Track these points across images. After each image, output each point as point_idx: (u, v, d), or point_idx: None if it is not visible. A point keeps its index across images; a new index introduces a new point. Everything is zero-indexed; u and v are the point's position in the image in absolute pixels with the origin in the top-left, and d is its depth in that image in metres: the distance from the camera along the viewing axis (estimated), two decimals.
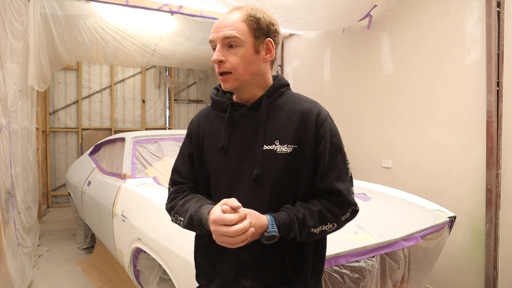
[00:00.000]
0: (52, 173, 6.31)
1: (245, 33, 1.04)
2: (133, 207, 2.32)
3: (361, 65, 3.65)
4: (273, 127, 1.07)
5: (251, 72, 1.07)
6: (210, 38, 1.08)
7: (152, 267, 2.09)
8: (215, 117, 1.16)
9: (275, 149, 1.05)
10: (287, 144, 1.05)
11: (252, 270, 1.06)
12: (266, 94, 1.10)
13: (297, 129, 1.06)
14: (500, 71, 2.48)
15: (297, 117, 1.07)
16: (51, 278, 3.25)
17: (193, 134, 1.19)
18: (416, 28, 3.06)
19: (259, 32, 1.06)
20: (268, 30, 1.08)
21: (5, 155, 2.76)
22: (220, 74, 1.07)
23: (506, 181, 2.49)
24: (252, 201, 1.02)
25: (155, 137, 3.09)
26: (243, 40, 1.04)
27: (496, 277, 2.53)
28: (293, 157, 1.04)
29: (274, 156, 1.04)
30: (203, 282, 1.16)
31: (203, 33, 4.36)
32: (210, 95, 1.21)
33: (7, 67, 2.80)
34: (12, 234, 2.87)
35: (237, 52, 1.04)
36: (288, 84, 1.17)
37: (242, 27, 1.04)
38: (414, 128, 3.09)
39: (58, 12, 3.61)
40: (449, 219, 2.13)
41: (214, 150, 1.12)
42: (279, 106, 1.10)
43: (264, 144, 1.05)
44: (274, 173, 1.04)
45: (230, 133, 1.10)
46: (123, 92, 6.84)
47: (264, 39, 1.08)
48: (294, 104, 1.10)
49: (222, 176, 1.09)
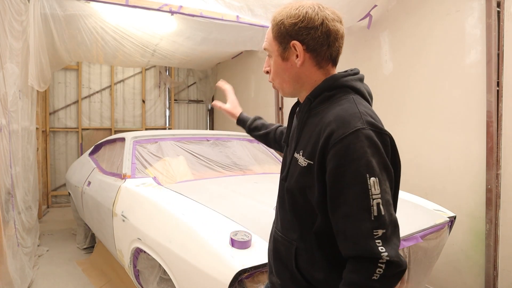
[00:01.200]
0: (52, 173, 6.31)
1: (271, 42, 1.02)
2: (133, 207, 2.32)
3: (361, 65, 3.65)
4: (305, 135, 1.00)
5: (287, 79, 1.02)
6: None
7: (152, 267, 2.09)
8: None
9: (298, 158, 0.99)
10: (305, 158, 0.96)
11: (275, 264, 1.10)
12: (308, 97, 1.01)
13: (313, 143, 0.94)
14: (500, 71, 2.48)
15: (318, 130, 0.94)
16: (51, 278, 3.25)
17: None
18: (416, 28, 3.06)
19: (281, 37, 0.98)
20: (292, 31, 0.96)
21: (5, 155, 2.76)
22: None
23: (506, 181, 2.48)
24: (282, 201, 1.08)
25: (155, 137, 3.09)
26: (271, 50, 1.03)
27: (496, 277, 2.53)
28: (307, 172, 0.94)
29: (296, 165, 1.00)
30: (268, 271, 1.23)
31: (203, 33, 4.36)
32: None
33: (6, 67, 2.80)
34: (12, 234, 2.87)
35: (272, 62, 1.05)
36: (344, 86, 0.98)
37: (269, 36, 1.03)
38: (414, 128, 3.09)
39: (58, 12, 3.60)
40: (449, 219, 2.13)
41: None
42: (317, 113, 0.98)
43: (295, 151, 1.02)
44: (292, 181, 1.00)
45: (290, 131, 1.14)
46: (123, 92, 6.84)
47: (289, 42, 0.97)
48: (328, 112, 0.94)
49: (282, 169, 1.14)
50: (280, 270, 1.07)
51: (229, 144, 3.26)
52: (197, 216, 1.84)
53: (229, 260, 1.45)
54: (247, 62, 5.90)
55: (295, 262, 1.01)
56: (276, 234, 1.10)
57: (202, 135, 3.27)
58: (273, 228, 1.16)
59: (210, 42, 4.70)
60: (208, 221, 1.77)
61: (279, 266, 1.08)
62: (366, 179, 0.84)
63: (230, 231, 1.57)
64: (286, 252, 1.04)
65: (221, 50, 5.36)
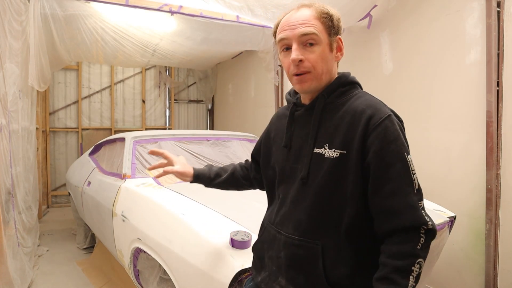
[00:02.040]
0: (52, 173, 6.31)
1: (321, 30, 1.00)
2: (133, 207, 2.32)
3: (361, 65, 3.65)
4: (326, 130, 1.02)
5: (327, 71, 1.03)
6: (282, 36, 1.02)
7: (152, 267, 2.09)
8: (283, 117, 1.18)
9: (323, 152, 1.00)
10: (335, 149, 0.98)
11: (288, 271, 1.05)
12: (322, 93, 1.04)
13: (345, 133, 0.98)
14: (500, 71, 2.48)
15: (348, 119, 0.98)
16: (51, 278, 3.25)
17: (268, 130, 1.26)
18: (416, 28, 3.06)
19: (332, 29, 1.02)
20: (339, 27, 1.04)
21: (5, 155, 2.76)
22: (295, 75, 1.02)
23: (506, 181, 2.48)
24: (298, 203, 1.04)
25: (155, 137, 3.09)
26: (320, 38, 1.00)
27: (496, 277, 2.53)
28: (340, 163, 0.97)
29: (322, 160, 1.00)
30: (254, 272, 1.20)
31: (203, 33, 4.35)
32: (285, 97, 1.22)
33: (6, 67, 2.80)
34: (12, 234, 2.87)
35: (315, 50, 0.99)
36: (354, 82, 1.08)
37: (317, 24, 1.00)
38: (414, 128, 3.09)
39: (58, 12, 3.60)
40: (449, 219, 2.13)
41: (279, 148, 1.15)
42: (336, 107, 1.03)
43: (314, 147, 1.02)
44: (319, 177, 1.00)
45: (292, 133, 1.11)
46: (123, 92, 6.84)
47: (336, 37, 1.03)
48: (351, 104, 1.01)
49: (282, 174, 1.12)
50: (296, 277, 1.03)
51: (229, 144, 3.26)
52: (197, 216, 1.84)
53: (229, 260, 1.45)
54: (247, 62, 5.90)
55: (322, 262, 0.99)
56: (290, 240, 1.04)
57: (202, 135, 3.27)
58: (280, 235, 1.08)
59: (210, 42, 4.70)
60: (208, 221, 1.77)
61: (295, 273, 1.03)
62: (405, 156, 0.95)
63: (230, 231, 1.57)
64: (308, 255, 1.01)
65: (221, 50, 5.36)
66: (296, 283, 1.04)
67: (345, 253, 0.99)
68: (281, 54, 1.06)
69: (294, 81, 1.04)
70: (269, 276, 1.10)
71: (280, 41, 1.03)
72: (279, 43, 1.04)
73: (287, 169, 1.10)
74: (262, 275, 1.13)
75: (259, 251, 1.17)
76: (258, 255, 1.18)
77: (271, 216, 1.15)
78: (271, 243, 1.10)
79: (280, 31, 1.03)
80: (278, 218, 1.10)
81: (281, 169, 1.13)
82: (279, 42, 1.04)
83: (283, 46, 1.03)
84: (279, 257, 1.07)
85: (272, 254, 1.10)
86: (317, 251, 0.99)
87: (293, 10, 1.04)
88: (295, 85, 1.04)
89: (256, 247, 1.20)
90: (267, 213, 1.21)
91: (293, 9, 1.04)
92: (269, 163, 1.20)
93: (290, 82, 1.06)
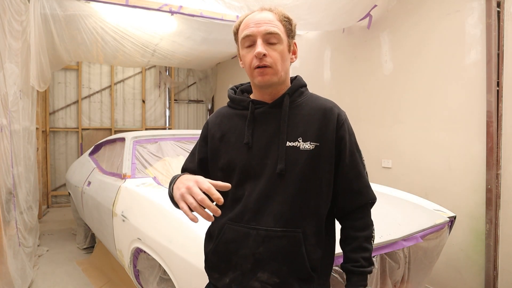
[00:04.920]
0: (52, 173, 6.31)
1: (282, 31, 1.10)
2: (133, 207, 2.32)
3: (361, 65, 3.65)
4: (295, 125, 1.11)
5: (284, 69, 1.12)
6: (247, 33, 1.08)
7: (152, 267, 2.09)
8: (234, 115, 1.18)
9: (298, 145, 1.08)
10: (310, 141, 1.09)
11: (270, 264, 1.06)
12: (287, 92, 1.14)
13: (319, 127, 1.10)
14: (500, 71, 2.48)
15: (320, 115, 1.12)
16: (51, 278, 3.25)
17: (209, 134, 1.21)
18: (416, 28, 3.06)
19: (290, 32, 1.13)
20: (295, 32, 1.15)
21: (6, 155, 2.76)
22: (257, 67, 1.08)
23: (506, 181, 2.49)
24: (273, 196, 1.07)
25: (155, 137, 3.09)
26: (282, 38, 1.09)
27: (496, 277, 2.53)
28: (316, 154, 1.08)
29: (297, 153, 1.08)
30: (216, 275, 1.14)
31: (203, 33, 4.35)
32: (228, 95, 1.23)
33: (6, 67, 2.80)
34: (13, 234, 2.87)
35: (277, 48, 1.08)
36: (306, 84, 1.22)
37: (279, 26, 1.10)
38: (414, 128, 3.09)
39: (58, 12, 3.60)
40: (449, 219, 2.13)
41: (236, 146, 1.13)
42: (300, 105, 1.14)
43: (287, 141, 1.08)
44: (298, 169, 1.07)
45: (253, 130, 1.12)
46: (123, 92, 6.84)
47: (292, 40, 1.15)
48: (314, 103, 1.15)
49: (245, 172, 1.11)
50: (280, 268, 1.05)
51: None
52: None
53: None
54: None
55: (304, 249, 1.07)
56: (272, 233, 1.05)
57: None
58: (255, 231, 1.07)
59: (210, 42, 4.70)
60: (208, 221, 1.77)
61: (278, 264, 1.05)
62: (358, 146, 1.19)
63: None
64: (291, 243, 1.05)
65: (221, 50, 5.35)
66: (280, 275, 1.06)
67: (321, 236, 1.11)
68: (243, 50, 1.12)
69: (255, 74, 1.09)
70: (243, 275, 1.08)
71: (244, 37, 1.09)
72: (242, 39, 1.10)
73: (253, 166, 1.09)
74: (230, 275, 1.10)
75: (222, 253, 1.12)
76: (222, 258, 1.12)
77: (233, 215, 1.10)
78: (241, 242, 1.07)
79: (244, 28, 1.10)
80: (248, 215, 1.08)
81: (243, 166, 1.11)
82: (243, 39, 1.10)
83: (247, 42, 1.09)
84: (256, 253, 1.06)
85: (245, 252, 1.07)
86: (300, 238, 1.06)
87: (255, 11, 1.12)
88: (257, 77, 1.09)
89: (217, 251, 1.13)
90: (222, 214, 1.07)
91: (255, 11, 1.13)
92: (217, 165, 1.17)
93: (250, 76, 1.12)
